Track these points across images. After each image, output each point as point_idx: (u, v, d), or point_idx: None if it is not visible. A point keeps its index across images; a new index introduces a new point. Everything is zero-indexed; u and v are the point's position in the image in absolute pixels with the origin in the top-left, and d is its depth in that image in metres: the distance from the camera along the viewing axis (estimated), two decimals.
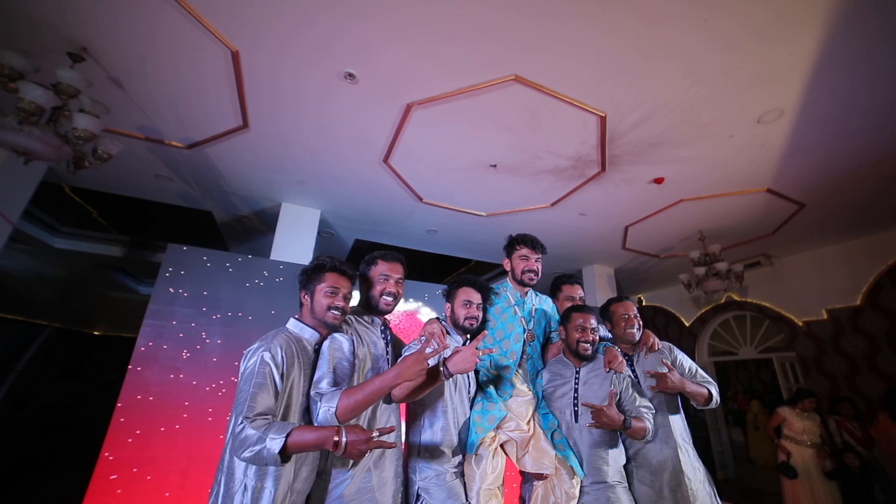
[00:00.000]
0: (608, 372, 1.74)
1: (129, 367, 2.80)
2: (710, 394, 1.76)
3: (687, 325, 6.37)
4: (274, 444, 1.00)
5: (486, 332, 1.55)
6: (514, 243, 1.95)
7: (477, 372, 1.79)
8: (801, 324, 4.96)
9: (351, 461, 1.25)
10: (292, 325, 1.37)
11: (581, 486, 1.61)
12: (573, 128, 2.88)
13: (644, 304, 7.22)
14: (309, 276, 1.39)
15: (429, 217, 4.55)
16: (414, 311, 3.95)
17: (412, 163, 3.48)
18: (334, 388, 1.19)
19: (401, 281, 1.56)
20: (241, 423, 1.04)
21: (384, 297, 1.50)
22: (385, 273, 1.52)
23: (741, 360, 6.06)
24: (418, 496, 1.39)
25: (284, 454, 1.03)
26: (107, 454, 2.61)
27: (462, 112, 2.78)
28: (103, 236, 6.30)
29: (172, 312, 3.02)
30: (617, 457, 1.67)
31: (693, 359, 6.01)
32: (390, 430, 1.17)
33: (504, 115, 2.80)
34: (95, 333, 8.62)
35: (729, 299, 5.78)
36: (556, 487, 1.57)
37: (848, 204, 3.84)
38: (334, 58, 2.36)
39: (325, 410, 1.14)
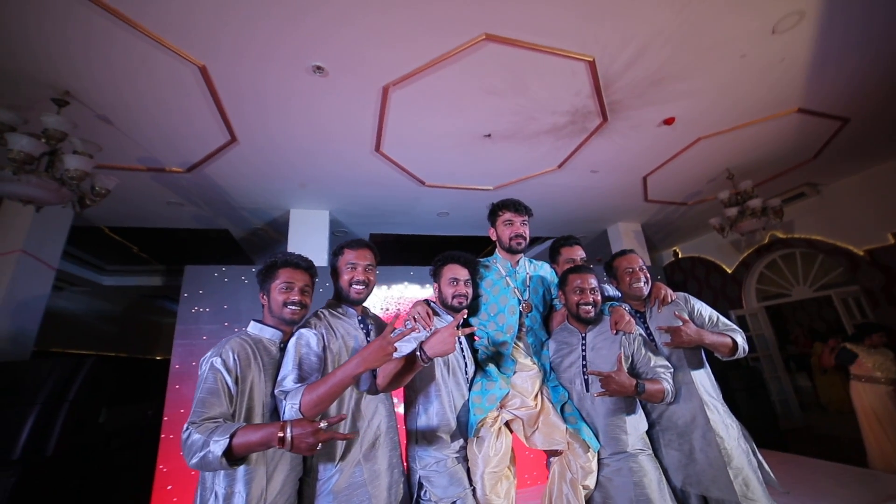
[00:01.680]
0: (616, 334, 1.60)
1: (168, 385, 2.98)
2: (735, 343, 1.57)
3: (729, 272, 5.92)
4: (217, 446, 0.97)
5: (464, 311, 1.47)
6: (496, 210, 1.84)
7: (475, 351, 1.71)
8: (862, 253, 4.45)
9: (338, 455, 1.23)
10: (252, 327, 1.36)
11: (599, 458, 1.51)
12: (561, 80, 2.67)
13: (681, 256, 6.79)
14: (264, 276, 1.37)
15: (436, 200, 4.46)
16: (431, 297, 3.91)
17: (405, 147, 3.39)
18: (298, 385, 1.16)
19: (370, 267, 1.50)
20: (187, 429, 1.03)
21: (354, 285, 1.46)
22: (352, 261, 1.47)
23: (797, 301, 5.53)
24: (420, 485, 1.35)
25: (231, 457, 1.00)
26: (161, 467, 2.81)
27: (441, 85, 2.65)
28: (144, 269, 6.77)
29: (199, 330, 3.16)
30: (637, 423, 1.55)
31: (741, 307, 5.64)
32: (340, 419, 1.13)
33: (485, 80, 2.64)
34: (158, 358, 9.35)
35: (773, 238, 5.29)
36: (571, 462, 1.48)
37: None
38: (298, 54, 2.30)
39: (289, 408, 1.12)
